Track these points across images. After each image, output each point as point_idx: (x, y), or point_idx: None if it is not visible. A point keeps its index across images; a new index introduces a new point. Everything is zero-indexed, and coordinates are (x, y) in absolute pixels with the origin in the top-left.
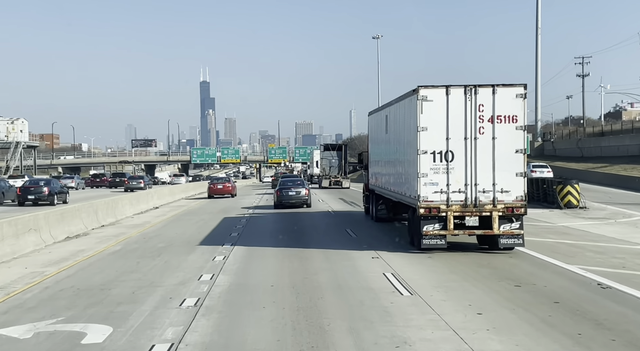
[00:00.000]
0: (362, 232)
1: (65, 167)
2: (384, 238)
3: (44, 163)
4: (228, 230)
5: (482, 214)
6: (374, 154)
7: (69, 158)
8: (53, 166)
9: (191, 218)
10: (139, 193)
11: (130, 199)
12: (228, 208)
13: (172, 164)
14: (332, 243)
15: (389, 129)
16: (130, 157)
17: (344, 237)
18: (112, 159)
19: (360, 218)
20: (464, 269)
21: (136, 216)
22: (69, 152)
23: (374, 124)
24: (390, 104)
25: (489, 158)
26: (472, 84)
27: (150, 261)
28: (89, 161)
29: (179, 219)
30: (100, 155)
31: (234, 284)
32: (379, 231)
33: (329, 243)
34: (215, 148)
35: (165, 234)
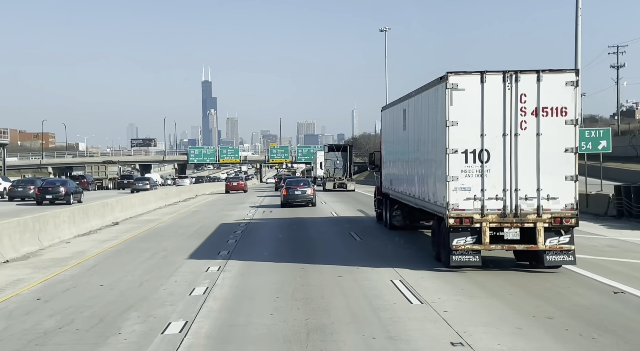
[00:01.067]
0: (375, 243)
1: (55, 168)
2: (402, 251)
3: (33, 163)
4: (225, 237)
5: (523, 226)
6: (388, 154)
7: (59, 159)
8: (43, 166)
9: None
10: (145, 193)
11: (141, 198)
12: (234, 204)
13: (168, 164)
14: (342, 257)
15: (407, 125)
16: (116, 157)
17: (355, 248)
18: (95, 159)
19: (372, 226)
20: (515, 300)
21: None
22: (60, 152)
23: (388, 120)
24: (410, 96)
25: (533, 158)
26: (513, 69)
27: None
28: (81, 160)
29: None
30: (98, 155)
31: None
32: (396, 241)
33: (338, 256)
34: (214, 148)
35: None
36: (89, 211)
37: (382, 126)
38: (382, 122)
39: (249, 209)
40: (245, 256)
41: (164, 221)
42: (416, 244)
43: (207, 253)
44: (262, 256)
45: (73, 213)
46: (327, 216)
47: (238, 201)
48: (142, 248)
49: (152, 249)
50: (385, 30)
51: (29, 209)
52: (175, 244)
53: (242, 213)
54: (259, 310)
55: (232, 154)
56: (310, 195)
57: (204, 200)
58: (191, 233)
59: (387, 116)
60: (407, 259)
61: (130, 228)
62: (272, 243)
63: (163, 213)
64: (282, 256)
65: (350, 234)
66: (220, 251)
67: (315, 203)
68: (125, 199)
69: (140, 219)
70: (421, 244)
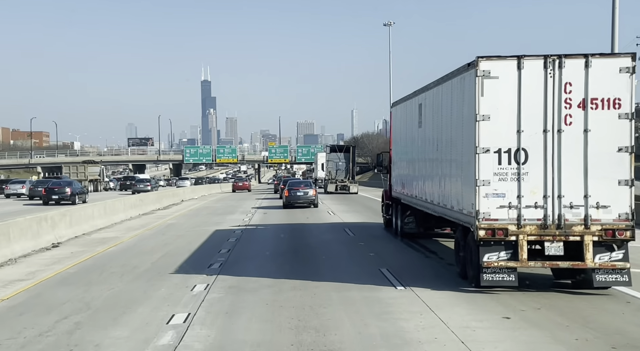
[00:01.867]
0: (386, 255)
1: (45, 167)
2: (418, 265)
3: (21, 163)
4: (217, 247)
5: (568, 239)
6: (399, 155)
7: (49, 158)
8: (31, 165)
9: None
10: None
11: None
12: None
13: (163, 164)
14: (348, 272)
15: (424, 121)
16: (99, 157)
17: (363, 262)
18: (75, 159)
19: (380, 234)
20: (561, 333)
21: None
22: (51, 151)
23: (400, 117)
24: (427, 89)
25: (579, 159)
26: (556, 53)
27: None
28: (72, 160)
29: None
30: (95, 154)
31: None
32: (409, 253)
33: (344, 272)
34: (211, 147)
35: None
36: (11, 230)
37: (392, 124)
38: (393, 119)
39: (240, 220)
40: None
41: (122, 240)
42: (434, 257)
43: (156, 313)
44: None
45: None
46: (330, 221)
47: (228, 210)
48: (53, 304)
49: (66, 308)
50: (390, 24)
51: (31, 209)
52: (111, 293)
53: (230, 227)
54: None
55: (230, 153)
56: (312, 196)
57: (188, 208)
58: (146, 267)
59: (398, 112)
60: (425, 276)
61: (69, 253)
62: (267, 264)
63: (128, 228)
64: (281, 270)
65: (357, 243)
66: (175, 313)
67: (317, 204)
68: (78, 209)
69: (92, 239)
70: (440, 256)
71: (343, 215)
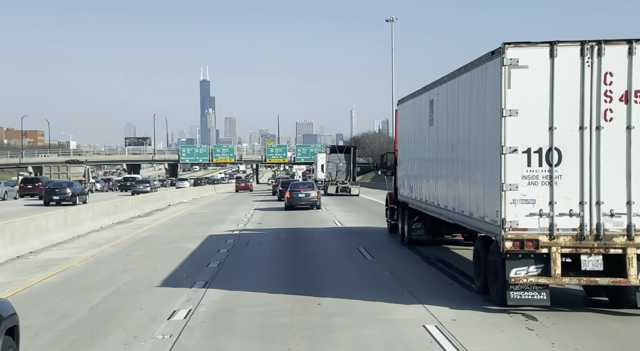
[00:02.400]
0: (394, 265)
1: (36, 167)
2: (429, 277)
3: (12, 162)
4: (207, 258)
5: (608, 252)
6: (406, 155)
7: (40, 158)
8: (22, 165)
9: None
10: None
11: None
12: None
13: (158, 164)
14: (353, 285)
15: (436, 118)
16: (81, 156)
17: (368, 274)
18: (57, 159)
19: (385, 240)
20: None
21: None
22: (43, 150)
23: (407, 114)
24: (440, 83)
25: (621, 160)
26: (594, 39)
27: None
28: (64, 159)
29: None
30: (92, 153)
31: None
32: (419, 262)
33: (348, 285)
34: (207, 146)
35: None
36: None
37: (397, 123)
38: (399, 118)
39: (230, 232)
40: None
41: (72, 264)
42: (448, 268)
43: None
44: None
45: None
46: (330, 226)
47: (218, 218)
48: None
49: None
50: (392, 20)
51: (31, 209)
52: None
53: (216, 242)
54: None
55: (227, 153)
56: (314, 198)
57: (172, 215)
58: (79, 316)
59: (405, 110)
60: (440, 291)
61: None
62: (264, 281)
63: (90, 243)
64: (277, 284)
65: (360, 251)
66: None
67: (319, 206)
68: (26, 221)
69: (36, 261)
70: (454, 267)
71: (345, 219)
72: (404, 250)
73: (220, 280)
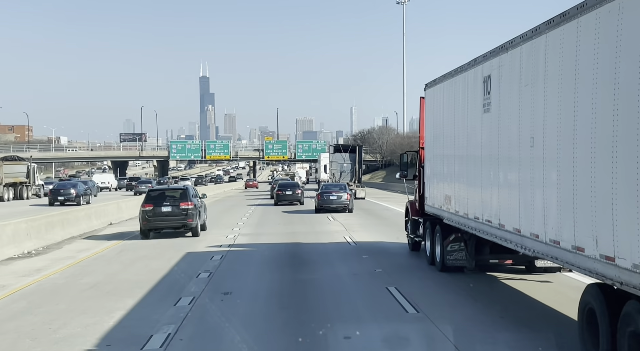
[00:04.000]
0: (427, 302)
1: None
2: (488, 328)
3: None
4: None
5: None
6: (440, 152)
7: (20, 154)
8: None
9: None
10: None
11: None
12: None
13: (146, 160)
14: (376, 339)
15: (497, 101)
16: (47, 152)
17: (395, 317)
18: (47, 154)
19: (407, 261)
20: None
21: None
22: (31, 145)
23: (442, 101)
24: (506, 49)
25: None
26: None
27: None
28: (47, 156)
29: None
30: (84, 149)
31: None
32: (464, 300)
33: (369, 337)
34: (200, 142)
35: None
36: None
37: (424, 113)
38: (428, 106)
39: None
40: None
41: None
42: (510, 309)
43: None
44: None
45: None
46: (338, 240)
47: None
48: None
49: None
50: (403, 3)
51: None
52: None
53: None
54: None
55: (221, 149)
56: (347, 201)
57: (93, 249)
58: None
59: (438, 95)
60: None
61: None
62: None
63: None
64: (270, 329)
65: (392, 294)
66: None
67: (352, 210)
68: None
69: None
70: (520, 311)
71: (352, 229)
72: (438, 278)
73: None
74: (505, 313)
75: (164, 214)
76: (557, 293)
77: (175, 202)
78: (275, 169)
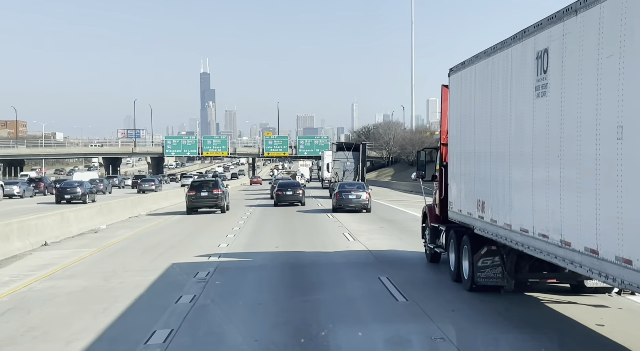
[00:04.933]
0: (464, 334)
1: (5, 160)
2: None
3: None
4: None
5: None
6: (471, 149)
7: (7, 149)
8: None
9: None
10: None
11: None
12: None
13: (139, 157)
14: None
15: (560, 81)
16: (35, 148)
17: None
18: (36, 150)
19: (428, 275)
20: None
21: None
22: (20, 141)
23: (474, 85)
24: (568, 15)
25: None
26: None
27: None
28: (32, 152)
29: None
30: (82, 145)
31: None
32: (515, 336)
33: None
34: (196, 137)
35: None
36: None
37: (449, 103)
38: (452, 94)
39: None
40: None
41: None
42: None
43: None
44: None
45: None
46: (348, 248)
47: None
48: None
49: None
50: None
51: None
52: None
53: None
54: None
55: (219, 145)
56: (366, 200)
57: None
58: None
59: (468, 80)
60: None
61: None
62: None
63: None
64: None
65: (394, 296)
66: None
67: (370, 209)
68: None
69: None
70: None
71: (360, 234)
72: (468, 299)
73: None
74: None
75: (202, 198)
76: (630, 324)
77: (210, 189)
78: (275, 167)
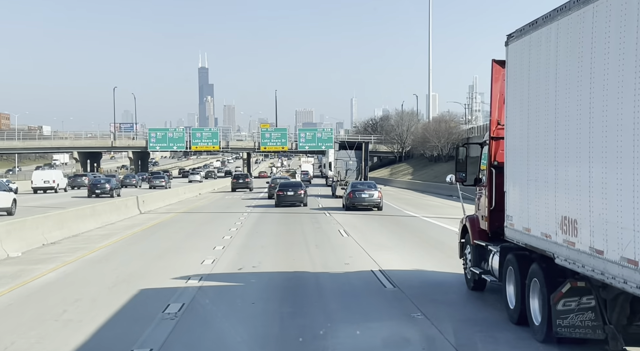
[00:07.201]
0: None
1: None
2: None
3: None
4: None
5: None
6: (542, 140)
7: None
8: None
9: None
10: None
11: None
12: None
13: (119, 151)
14: None
15: None
16: (9, 141)
17: None
18: (41, 143)
19: (477, 313)
20: None
21: None
22: (9, 134)
23: (556, 51)
24: None
25: None
26: None
27: None
28: (11, 146)
29: None
30: (72, 139)
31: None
32: None
33: None
34: (183, 130)
35: None
36: None
37: (508, 82)
38: (512, 70)
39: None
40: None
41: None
42: None
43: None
44: None
45: None
46: (357, 268)
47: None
48: None
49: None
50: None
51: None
52: None
53: None
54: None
55: (209, 139)
56: (378, 199)
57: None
58: None
59: (544, 43)
60: None
61: None
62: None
63: None
64: None
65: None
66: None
67: (381, 207)
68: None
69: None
70: None
71: (372, 248)
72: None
73: None
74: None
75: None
76: None
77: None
78: (272, 163)
